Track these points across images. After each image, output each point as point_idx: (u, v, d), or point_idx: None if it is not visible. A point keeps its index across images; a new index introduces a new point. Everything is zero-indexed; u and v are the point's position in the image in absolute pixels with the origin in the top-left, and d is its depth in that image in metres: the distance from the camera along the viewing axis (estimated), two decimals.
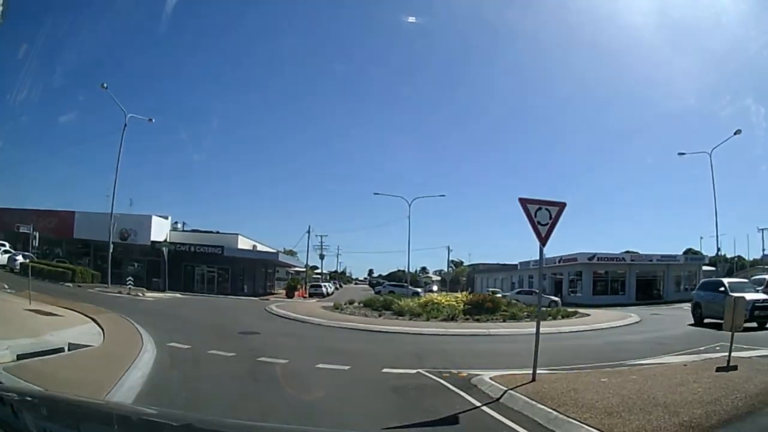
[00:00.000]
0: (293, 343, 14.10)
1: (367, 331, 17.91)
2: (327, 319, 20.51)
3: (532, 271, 57.34)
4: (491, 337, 17.03)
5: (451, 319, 20.49)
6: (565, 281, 51.82)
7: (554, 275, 53.15)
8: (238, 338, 14.53)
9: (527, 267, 59.17)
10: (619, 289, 48.09)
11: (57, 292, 22.44)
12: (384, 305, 23.59)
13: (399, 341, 15.60)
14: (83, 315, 15.19)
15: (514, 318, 21.00)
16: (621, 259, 48.78)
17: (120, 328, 13.67)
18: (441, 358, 11.87)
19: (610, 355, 12.30)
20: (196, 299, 32.01)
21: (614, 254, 49.10)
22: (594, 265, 47.86)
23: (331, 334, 17.24)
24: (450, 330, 17.95)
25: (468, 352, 13.47)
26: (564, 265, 50.37)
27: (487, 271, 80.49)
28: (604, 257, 48.18)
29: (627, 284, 48.06)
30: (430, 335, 16.92)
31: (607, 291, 47.94)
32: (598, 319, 22.79)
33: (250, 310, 25.02)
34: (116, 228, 37.61)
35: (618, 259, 48.65)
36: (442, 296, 26.03)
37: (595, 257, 47.57)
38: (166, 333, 13.93)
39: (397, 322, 20.02)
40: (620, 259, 48.74)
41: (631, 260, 48.86)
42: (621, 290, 47.78)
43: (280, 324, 19.65)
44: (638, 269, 48.80)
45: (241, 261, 46.95)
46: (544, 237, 9.24)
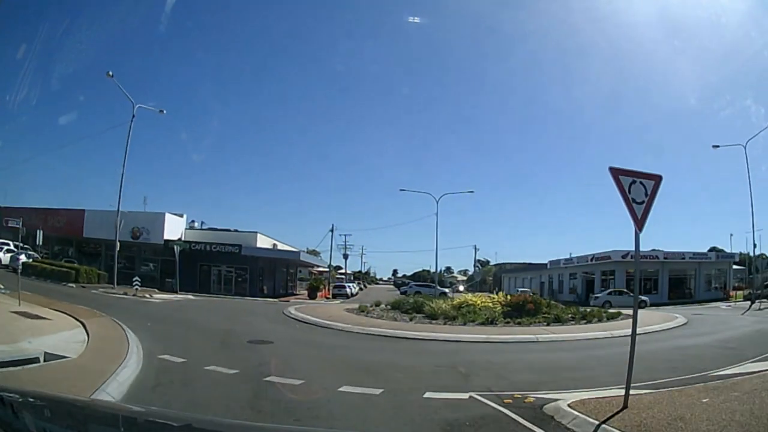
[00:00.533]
0: (311, 356, 11.79)
1: (398, 338, 15.75)
2: (352, 324, 18.26)
3: (562, 270, 58.64)
4: (542, 345, 15.07)
5: (490, 322, 18.84)
6: (597, 280, 50.73)
7: (585, 274, 53.02)
8: (246, 349, 12.31)
9: (558, 266, 59.39)
10: (651, 288, 46.54)
11: (55, 293, 21.46)
12: (414, 307, 21.91)
13: (437, 351, 13.57)
14: (74, 319, 13.98)
15: (558, 321, 19.40)
16: (654, 257, 47.10)
17: (108, 336, 12.04)
18: (492, 375, 9.98)
19: (684, 364, 10.82)
20: (208, 301, 30.21)
21: (648, 252, 46.88)
22: (627, 264, 46.09)
23: (357, 342, 14.94)
24: (492, 336, 16.06)
25: (522, 364, 11.47)
26: (596, 264, 49.93)
27: (515, 271, 79.69)
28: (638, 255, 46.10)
29: (660, 283, 47.05)
30: (471, 343, 15.06)
31: (639, 290, 44.68)
32: (644, 320, 20.36)
33: (266, 314, 22.80)
34: (126, 226, 36.32)
35: (651, 257, 46.77)
36: (477, 297, 24.27)
37: (628, 255, 44.63)
38: (162, 342, 12.24)
39: (431, 327, 18.12)
40: (653, 257, 47.03)
41: (664, 258, 47.57)
42: (654, 289, 46.35)
43: (298, 330, 17.35)
44: (670, 267, 47.90)
45: (261, 260, 45.14)
46: (640, 219, 7.27)
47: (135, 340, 11.58)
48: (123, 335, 12.20)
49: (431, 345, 14.67)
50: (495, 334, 16.37)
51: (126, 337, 11.85)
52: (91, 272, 32.20)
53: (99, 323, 13.78)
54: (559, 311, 20.75)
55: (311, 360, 11.12)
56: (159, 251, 40.82)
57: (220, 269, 43.67)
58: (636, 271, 17.91)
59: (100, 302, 20.63)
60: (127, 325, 13.72)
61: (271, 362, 10.31)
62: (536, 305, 20.90)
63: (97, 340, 11.21)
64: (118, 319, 14.72)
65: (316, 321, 19.23)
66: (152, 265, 42.10)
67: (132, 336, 12.12)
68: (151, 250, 41.85)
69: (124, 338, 11.77)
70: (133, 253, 40.76)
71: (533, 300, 21.94)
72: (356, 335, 16.30)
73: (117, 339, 11.69)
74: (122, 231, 35.39)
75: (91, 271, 32.63)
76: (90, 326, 12.75)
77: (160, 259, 40.92)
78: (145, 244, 41.14)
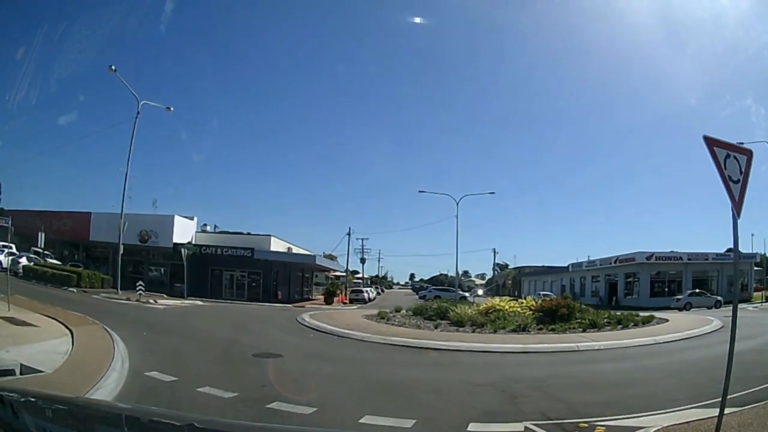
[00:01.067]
0: (326, 373, 10.08)
1: (424, 349, 14.06)
2: (372, 333, 16.58)
3: (584, 272, 58.47)
4: (584, 355, 13.59)
5: (522, 329, 17.42)
6: (621, 282, 50.28)
7: (608, 276, 52.62)
8: (250, 364, 10.69)
9: (579, 268, 59.30)
10: (675, 290, 45.77)
11: (52, 298, 20.44)
12: (438, 313, 20.54)
13: (470, 365, 12.01)
14: (64, 326, 13.00)
15: (594, 326, 18.19)
16: (678, 258, 47.03)
17: (94, 347, 10.88)
18: (543, 395, 8.39)
19: (747, 372, 8.98)
20: (217, 307, 28.76)
21: (672, 253, 47.54)
22: (651, 265, 46.63)
23: (379, 355, 13.26)
24: (529, 345, 14.49)
25: (573, 380, 9.83)
26: (620, 266, 49.45)
27: (534, 274, 78.99)
28: (662, 256, 46.86)
29: (683, 285, 46.02)
30: (507, 354, 13.51)
31: (663, 292, 46.11)
32: (680, 325, 19.84)
33: (278, 321, 21.15)
34: (134, 229, 35.67)
35: (675, 258, 46.97)
36: (505, 302, 22.52)
37: (653, 256, 46.36)
38: (153, 355, 10.90)
39: (459, 336, 16.51)
40: (677, 258, 46.99)
41: (688, 259, 47.11)
42: (678, 291, 45.18)
43: (311, 340, 15.69)
44: (693, 269, 47.36)
45: (275, 264, 43.77)
46: (738, 200, 5.95)
47: (122, 353, 10.31)
48: (110, 346, 10.88)
49: (462, 357, 13.09)
50: (531, 343, 14.87)
51: (113, 349, 10.53)
52: (94, 276, 31.10)
53: (88, 332, 12.69)
54: (594, 316, 19.57)
55: (326, 379, 9.45)
56: (168, 255, 39.76)
57: (233, 274, 42.51)
58: (735, 270, 16.99)
59: (97, 308, 19.43)
60: (119, 335, 12.47)
61: (278, 382, 8.72)
62: (569, 310, 19.66)
63: (81, 352, 10.15)
64: (112, 327, 13.45)
65: (332, 329, 17.60)
66: (161, 270, 41.11)
67: (120, 348, 10.82)
68: (160, 254, 40.94)
69: (111, 350, 10.44)
70: (141, 258, 39.83)
71: (566, 304, 20.57)
72: (377, 346, 14.65)
73: (103, 351, 10.38)
74: (130, 234, 34.61)
75: (94, 275, 31.53)
76: (78, 335, 11.75)
77: (170, 263, 39.77)
78: (153, 247, 40.27)
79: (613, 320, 19.23)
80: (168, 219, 41.20)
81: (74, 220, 41.20)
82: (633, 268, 48.14)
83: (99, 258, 40.64)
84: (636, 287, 48.10)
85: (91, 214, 41.09)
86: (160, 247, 40.01)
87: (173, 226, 40.84)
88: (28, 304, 16.45)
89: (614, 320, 19.24)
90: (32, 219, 37.64)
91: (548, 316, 19.12)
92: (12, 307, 15.01)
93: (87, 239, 40.76)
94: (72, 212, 42.34)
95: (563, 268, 64.34)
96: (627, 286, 49.67)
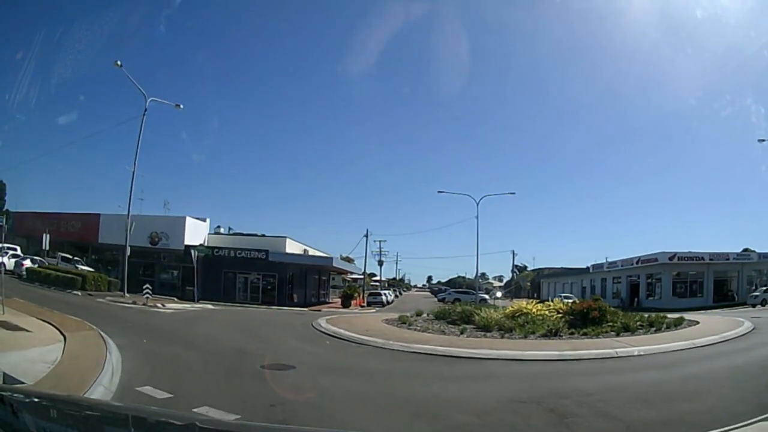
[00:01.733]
0: (344, 389, 8.81)
1: (452, 358, 12.85)
2: (394, 340, 15.32)
3: (606, 274, 57.89)
4: (625, 362, 12.51)
5: (554, 334, 16.49)
6: (642, 283, 50.01)
7: (630, 277, 52.31)
8: (257, 378, 9.47)
9: (600, 270, 58.78)
10: (697, 290, 46.19)
11: (53, 302, 19.74)
12: (462, 317, 19.59)
13: (506, 376, 10.81)
14: (58, 332, 12.33)
15: (627, 330, 17.23)
16: (700, 258, 46.40)
17: (86, 355, 10.00)
18: (596, 413, 7.31)
19: None
20: (228, 311, 27.77)
21: (694, 253, 47.02)
22: (674, 266, 46.42)
23: (403, 365, 11.98)
24: (565, 352, 13.33)
25: (622, 393, 8.75)
26: (642, 267, 49.08)
27: (554, 276, 78.65)
28: (684, 256, 46.46)
29: (705, 285, 46.08)
30: (542, 362, 12.45)
31: (686, 293, 46.15)
32: (713, 327, 18.98)
33: (292, 326, 19.94)
34: (144, 231, 35.03)
35: (697, 258, 46.42)
36: (532, 305, 21.71)
37: (675, 256, 46.07)
38: (150, 366, 9.86)
39: (488, 343, 15.35)
40: (699, 258, 46.38)
41: (710, 259, 46.48)
42: (699, 292, 45.86)
43: (328, 349, 14.44)
44: (715, 269, 46.76)
45: (290, 267, 42.72)
46: None
47: (115, 364, 9.34)
48: (103, 355, 9.87)
49: (496, 367, 11.87)
50: (566, 350, 13.78)
51: (105, 359, 9.51)
52: (100, 279, 30.35)
53: (83, 338, 11.81)
54: (627, 318, 18.76)
55: (344, 396, 8.20)
56: (180, 258, 38.87)
57: (247, 276, 41.62)
58: None
59: (99, 312, 18.55)
60: (115, 342, 11.51)
61: (289, 401, 7.50)
62: (601, 313, 18.81)
63: (68, 362, 9.21)
64: (110, 334, 12.48)
65: (350, 336, 16.38)
66: (173, 273, 40.31)
67: (113, 357, 9.81)
68: (171, 256, 40.08)
69: (102, 360, 9.42)
70: (152, 260, 39.00)
71: (598, 307, 19.58)
72: (400, 355, 13.41)
73: (93, 360, 9.40)
74: (140, 236, 33.89)
75: (100, 277, 30.76)
76: (70, 342, 11.06)
77: (181, 266, 38.91)
78: (164, 250, 39.40)
79: (645, 323, 18.55)
80: (179, 220, 40.36)
81: (83, 221, 40.69)
82: (655, 269, 47.83)
83: (109, 261, 39.92)
84: (658, 288, 47.88)
85: (100, 215, 40.50)
86: (171, 249, 39.18)
87: (185, 227, 39.92)
88: (26, 308, 15.87)
89: (646, 323, 18.56)
90: (39, 221, 37.21)
91: (579, 320, 18.27)
92: (8, 310, 14.48)
93: (96, 241, 40.12)
94: (80, 214, 41.86)
95: (583, 269, 64.24)
96: (649, 287, 49.47)
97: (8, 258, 31.47)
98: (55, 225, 38.05)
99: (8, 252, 32.25)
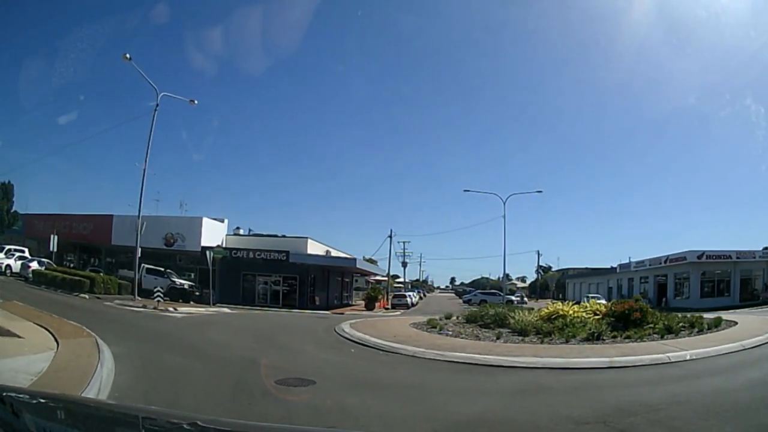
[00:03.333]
0: (376, 410, 7.40)
1: (494, 367, 11.58)
2: (426, 347, 13.95)
3: (633, 273, 58.27)
4: (680, 368, 11.51)
5: (596, 338, 15.61)
6: (670, 283, 50.15)
7: (657, 277, 52.71)
8: (270, 397, 8.08)
9: (627, 269, 59.17)
10: (724, 290, 46.19)
11: (55, 305, 19.27)
12: (495, 320, 18.96)
13: (560, 389, 9.55)
14: (53, 338, 11.59)
15: (670, 332, 16.49)
16: (728, 257, 46.34)
17: (75, 366, 8.91)
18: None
19: None
20: (245, 315, 26.77)
21: (722, 251, 46.85)
22: (703, 264, 46.59)
23: (442, 377, 10.62)
24: (615, 359, 12.21)
25: (691, 407, 7.78)
26: (670, 266, 49.48)
27: (579, 276, 79.62)
28: (712, 255, 46.48)
29: (732, 285, 46.09)
30: (594, 370, 11.32)
31: (713, 293, 46.31)
32: (752, 328, 18.15)
33: (313, 332, 18.59)
34: (159, 232, 34.83)
35: (724, 257, 46.35)
36: (568, 306, 21.18)
37: (704, 255, 46.17)
38: (147, 380, 8.87)
39: (529, 349, 14.25)
40: (727, 257, 46.32)
41: (737, 258, 46.36)
42: (726, 291, 45.96)
43: (353, 358, 13.06)
44: (741, 267, 46.67)
45: (311, 268, 41.94)
46: None
47: (105, 377, 8.34)
48: (92, 365, 8.86)
49: (544, 377, 10.61)
50: (616, 356, 12.68)
51: (95, 371, 8.48)
52: (110, 282, 29.60)
53: (76, 346, 10.82)
54: (669, 320, 18.13)
55: (374, 419, 6.82)
56: (196, 259, 38.37)
57: (267, 279, 40.99)
58: None
59: (103, 317, 17.74)
60: (113, 350, 10.50)
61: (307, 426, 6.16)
62: (642, 314, 18.19)
63: (54, 374, 8.34)
64: (110, 341, 11.51)
65: (377, 342, 15.03)
66: (190, 275, 39.50)
67: (105, 369, 8.75)
68: (187, 258, 39.66)
69: (92, 372, 8.42)
70: (168, 262, 38.28)
71: (639, 308, 18.85)
72: (435, 364, 12.06)
73: (81, 372, 8.44)
74: (155, 238, 33.26)
75: (110, 280, 30.02)
76: (62, 350, 10.28)
77: (198, 268, 38.32)
78: (180, 251, 39.01)
79: (686, 324, 18.01)
80: (196, 221, 39.88)
81: (95, 223, 40.41)
82: (683, 268, 48.04)
83: (123, 263, 39.39)
84: (686, 288, 48.13)
85: (112, 216, 40.13)
86: (187, 251, 38.72)
87: (201, 228, 39.44)
88: (24, 311, 15.28)
89: (687, 324, 18.02)
90: (50, 223, 37.02)
91: (620, 321, 17.61)
92: (4, 313, 14.10)
93: (109, 243, 39.74)
94: (92, 215, 41.61)
95: (609, 269, 64.86)
96: (676, 287, 49.63)
97: (15, 260, 31.90)
98: (66, 227, 38.16)
99: (15, 254, 32.60)
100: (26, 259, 32.90)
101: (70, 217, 40.74)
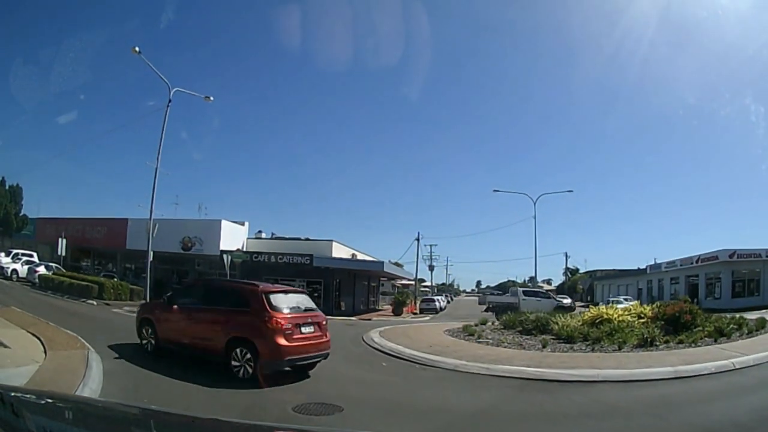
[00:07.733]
0: None
1: (550, 382, 10.55)
2: (468, 359, 12.55)
3: (663, 274, 58.02)
4: (748, 376, 11.00)
5: (649, 344, 14.84)
6: (702, 283, 49.88)
7: (688, 277, 52.69)
8: None
9: (658, 270, 58.94)
10: (754, 289, 45.56)
11: (57, 311, 18.81)
12: (537, 326, 18.44)
13: (630, 409, 8.55)
14: (43, 349, 10.80)
15: (722, 334, 16.13)
16: (758, 255, 45.31)
17: (52, 384, 7.89)
18: None
19: None
20: None
21: (752, 250, 46.18)
22: (734, 264, 46.23)
23: (492, 397, 9.18)
24: (679, 368, 11.35)
25: None
26: (701, 266, 49.26)
27: (607, 278, 78.94)
28: (744, 254, 45.92)
29: (762, 284, 45.20)
30: (660, 382, 10.45)
31: (743, 292, 45.97)
32: None
33: (339, 340, 16.63)
34: (176, 235, 34.26)
35: (755, 255, 45.43)
36: (612, 310, 20.30)
37: (735, 254, 45.79)
38: (139, 396, 7.71)
39: (581, 359, 13.24)
40: (757, 255, 45.34)
41: (767, 256, 45.23)
42: (756, 291, 45.27)
43: (386, 374, 11.52)
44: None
45: (336, 272, 40.66)
46: None
47: None
48: (75, 386, 7.82)
49: (608, 393, 9.58)
50: (678, 364, 11.77)
51: (74, 392, 7.40)
52: (120, 287, 28.87)
53: (64, 359, 9.77)
54: (719, 322, 17.61)
55: None
56: (215, 264, 37.28)
57: (290, 283, 39.26)
58: None
59: (105, 325, 16.73)
60: (105, 366, 9.37)
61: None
62: (693, 316, 17.87)
63: None
64: (104, 353, 10.48)
65: (412, 354, 13.55)
66: None
67: (88, 389, 7.74)
68: (206, 262, 38.78)
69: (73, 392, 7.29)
70: (185, 267, 37.49)
71: (690, 310, 18.41)
72: (481, 380, 10.69)
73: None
74: (171, 241, 32.56)
75: (121, 285, 29.30)
76: (47, 364, 9.41)
77: (217, 272, 37.20)
78: (198, 256, 38.19)
79: (735, 326, 17.72)
80: (215, 224, 39.06)
81: (108, 227, 40.06)
82: (715, 268, 47.76)
83: (139, 268, 38.86)
84: (717, 288, 47.92)
85: (127, 220, 39.67)
86: (205, 255, 37.89)
87: (220, 231, 38.60)
88: (19, 318, 14.78)
89: (736, 325, 17.75)
90: (62, 227, 36.69)
91: (670, 325, 17.15)
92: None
93: (124, 247, 39.30)
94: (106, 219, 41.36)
95: (638, 270, 64.73)
96: (708, 287, 49.45)
97: (21, 264, 31.68)
98: (79, 231, 37.86)
99: (21, 258, 32.40)
100: (34, 263, 32.63)
101: (82, 221, 40.61)
